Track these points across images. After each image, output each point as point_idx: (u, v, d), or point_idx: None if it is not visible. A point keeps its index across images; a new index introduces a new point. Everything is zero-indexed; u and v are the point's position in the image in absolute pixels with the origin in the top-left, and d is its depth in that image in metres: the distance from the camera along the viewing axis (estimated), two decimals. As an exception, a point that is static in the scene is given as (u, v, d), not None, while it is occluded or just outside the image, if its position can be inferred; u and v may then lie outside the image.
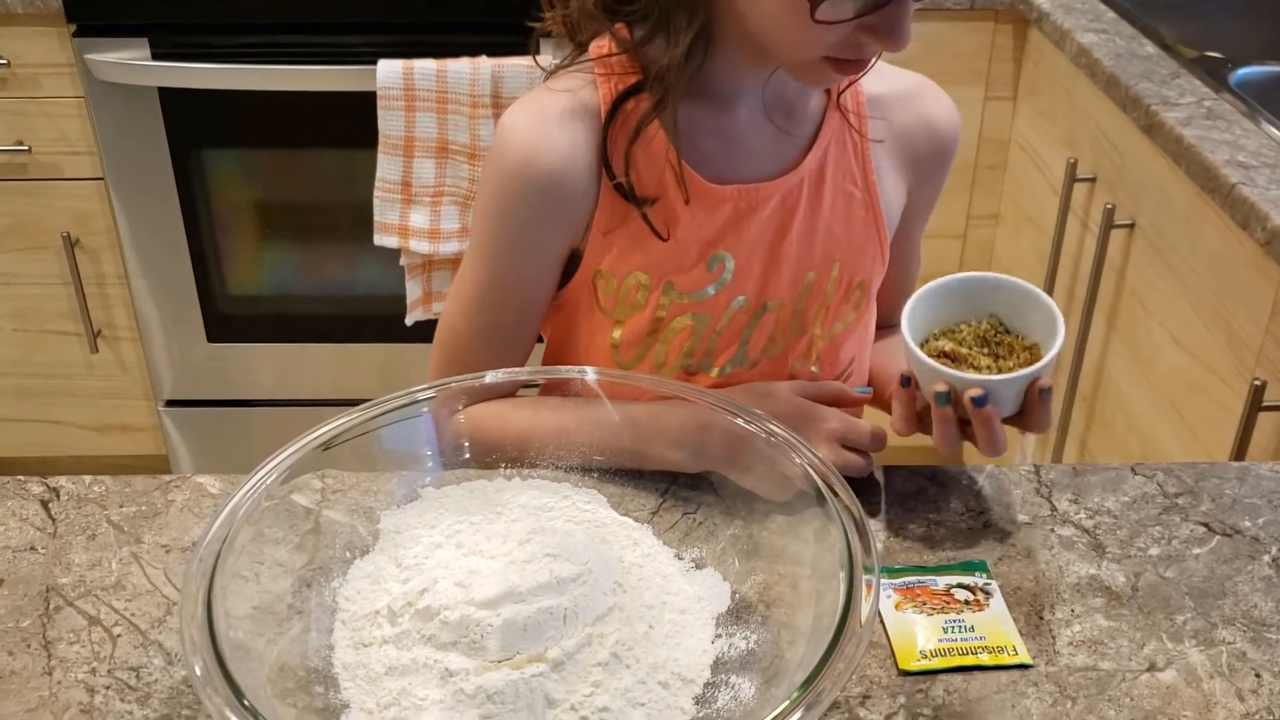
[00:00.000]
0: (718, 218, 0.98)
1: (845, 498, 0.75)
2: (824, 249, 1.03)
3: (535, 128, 0.97)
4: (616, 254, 0.99)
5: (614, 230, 0.98)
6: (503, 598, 0.74)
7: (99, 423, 2.31)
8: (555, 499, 0.87)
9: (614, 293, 1.01)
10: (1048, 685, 0.80)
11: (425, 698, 0.72)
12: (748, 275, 1.01)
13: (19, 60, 1.98)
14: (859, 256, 1.05)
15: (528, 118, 0.97)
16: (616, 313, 1.02)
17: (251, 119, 2.03)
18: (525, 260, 1.01)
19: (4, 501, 0.95)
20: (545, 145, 0.96)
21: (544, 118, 0.97)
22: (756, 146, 1.00)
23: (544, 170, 0.96)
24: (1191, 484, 0.97)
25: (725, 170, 0.99)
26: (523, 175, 0.97)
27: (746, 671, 0.76)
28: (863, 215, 1.04)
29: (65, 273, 2.14)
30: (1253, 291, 1.38)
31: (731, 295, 1.01)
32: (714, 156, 0.99)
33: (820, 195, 1.01)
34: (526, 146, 0.96)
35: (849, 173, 1.03)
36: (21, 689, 0.79)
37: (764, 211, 0.99)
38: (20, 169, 2.07)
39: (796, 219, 1.01)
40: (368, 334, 2.21)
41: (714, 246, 0.99)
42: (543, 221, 0.99)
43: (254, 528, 0.77)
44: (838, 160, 1.02)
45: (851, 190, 1.03)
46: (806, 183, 1.01)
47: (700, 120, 0.98)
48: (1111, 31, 1.82)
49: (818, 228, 1.02)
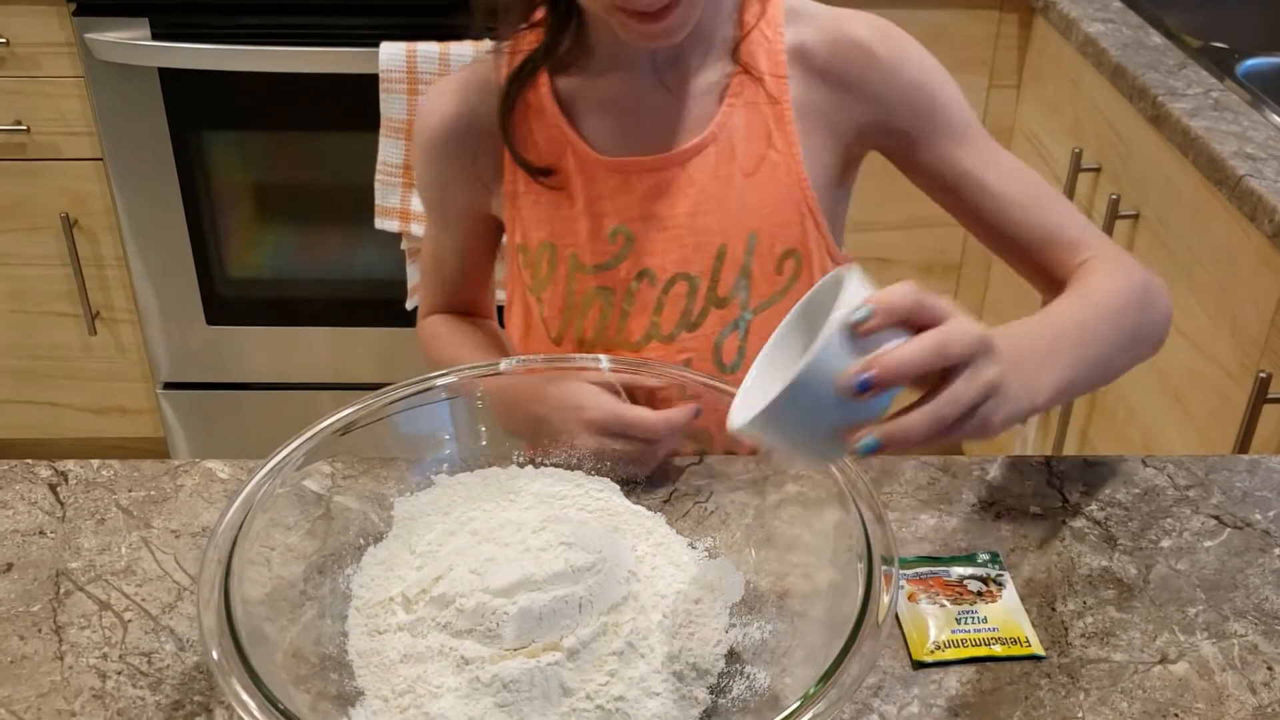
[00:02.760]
0: (614, 190, 0.99)
1: (864, 489, 0.75)
2: (737, 218, 0.99)
3: (433, 95, 1.06)
4: (528, 224, 1.04)
5: (519, 196, 1.03)
6: (518, 586, 0.74)
7: (97, 405, 2.31)
8: (568, 487, 0.87)
9: (531, 265, 1.05)
10: (1060, 677, 0.80)
11: (441, 685, 0.72)
12: (651, 247, 0.99)
13: (18, 39, 1.97)
14: (782, 224, 1.00)
15: (432, 90, 1.08)
16: (536, 287, 1.05)
17: (253, 101, 2.02)
18: (443, 215, 1.12)
19: (11, 485, 0.95)
20: (440, 108, 1.05)
21: (442, 87, 1.06)
22: (653, 117, 0.99)
23: (438, 130, 1.05)
24: (1202, 477, 0.97)
25: (620, 143, 0.99)
26: (423, 138, 1.07)
27: (761, 661, 0.76)
28: (785, 180, 0.99)
29: (64, 254, 2.13)
30: (1259, 284, 1.38)
31: (635, 268, 1.00)
32: (607, 129, 0.99)
33: (730, 163, 0.98)
34: (426, 111, 1.06)
35: (764, 137, 0.98)
36: (33, 673, 0.79)
37: (664, 183, 0.98)
38: (19, 149, 2.05)
39: (703, 189, 0.98)
40: (368, 318, 2.20)
41: (613, 219, 0.99)
42: (445, 178, 1.08)
43: (268, 514, 0.76)
44: (749, 125, 0.98)
45: (768, 154, 0.98)
46: (713, 151, 0.98)
47: (592, 93, 1.00)
48: (1118, 21, 1.82)
49: (729, 196, 0.98)
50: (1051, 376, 0.78)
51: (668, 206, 0.99)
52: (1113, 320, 0.88)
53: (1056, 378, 0.79)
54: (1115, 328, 0.88)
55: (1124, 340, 0.89)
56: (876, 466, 0.98)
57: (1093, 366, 0.86)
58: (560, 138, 1.00)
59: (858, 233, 2.13)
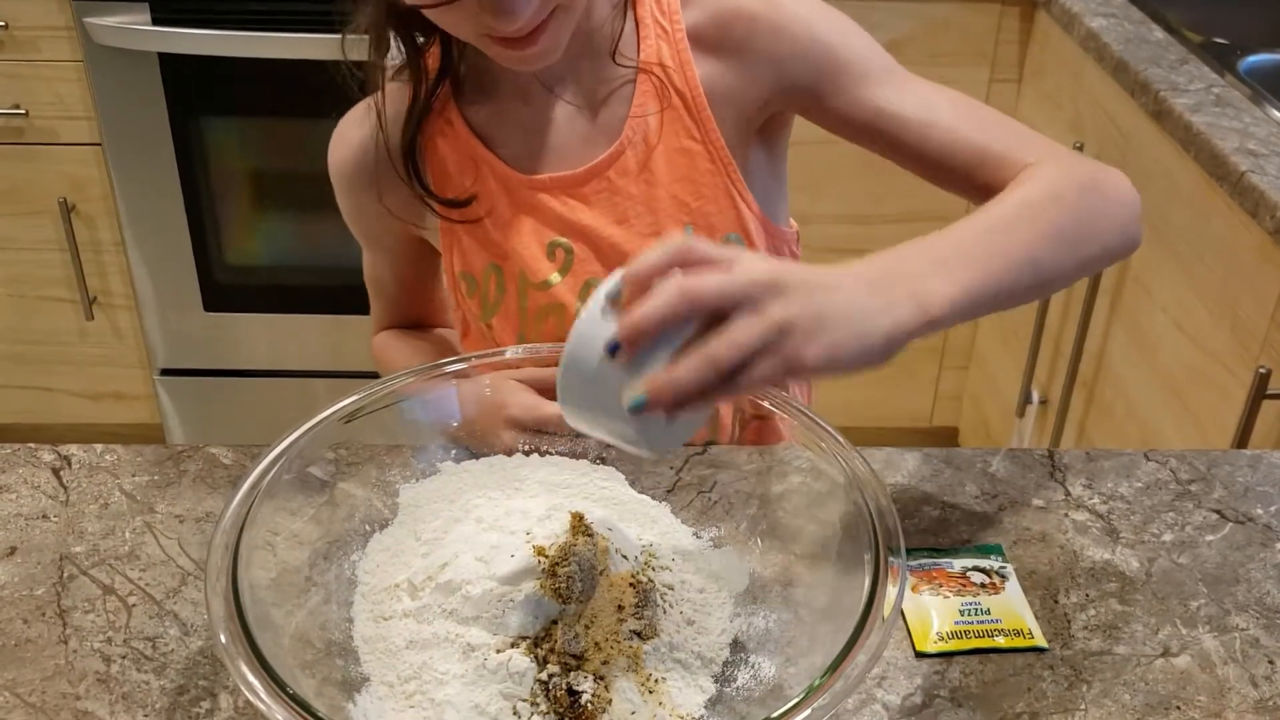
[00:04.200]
0: (543, 208, 1.00)
1: (871, 480, 0.75)
2: (669, 215, 0.99)
3: (340, 126, 1.07)
4: (468, 250, 1.03)
5: (455, 225, 1.03)
6: (524, 574, 0.74)
7: (93, 390, 2.30)
8: (573, 475, 0.87)
9: (478, 293, 1.04)
10: (1063, 669, 0.80)
11: (446, 672, 0.72)
12: (592, 257, 1.00)
13: (17, 22, 1.96)
14: (716, 211, 1.00)
15: (341, 120, 1.07)
16: (485, 314, 1.05)
17: (253, 87, 2.02)
18: (368, 241, 1.14)
19: (14, 469, 0.95)
20: (346, 140, 1.06)
21: (348, 118, 1.07)
22: (565, 134, 0.99)
23: (347, 163, 1.06)
24: (1204, 471, 0.98)
25: (538, 161, 1.00)
26: (333, 170, 1.08)
27: (766, 651, 0.76)
28: (709, 167, 0.99)
29: (61, 239, 2.12)
30: (1259, 279, 1.39)
31: (581, 279, 1.01)
32: (524, 149, 1.00)
33: (650, 164, 0.99)
34: (333, 143, 1.07)
35: (682, 129, 0.99)
36: (37, 657, 0.78)
37: (591, 195, 0.99)
38: (17, 133, 2.05)
39: (631, 194, 0.99)
40: (365, 306, 2.19)
41: (548, 235, 1.00)
42: (360, 208, 1.09)
43: (274, 500, 0.76)
44: (665, 122, 0.98)
45: (688, 145, 0.99)
46: (631, 156, 0.98)
47: (502, 117, 1.00)
48: (1120, 16, 1.82)
49: (658, 196, 0.99)
50: (946, 286, 0.73)
51: (599, 217, 1.00)
52: (1032, 215, 0.83)
53: (954, 287, 0.74)
54: (1036, 223, 0.82)
55: (1053, 234, 0.83)
56: (879, 459, 0.98)
57: (1013, 268, 0.79)
58: (478, 163, 1.00)
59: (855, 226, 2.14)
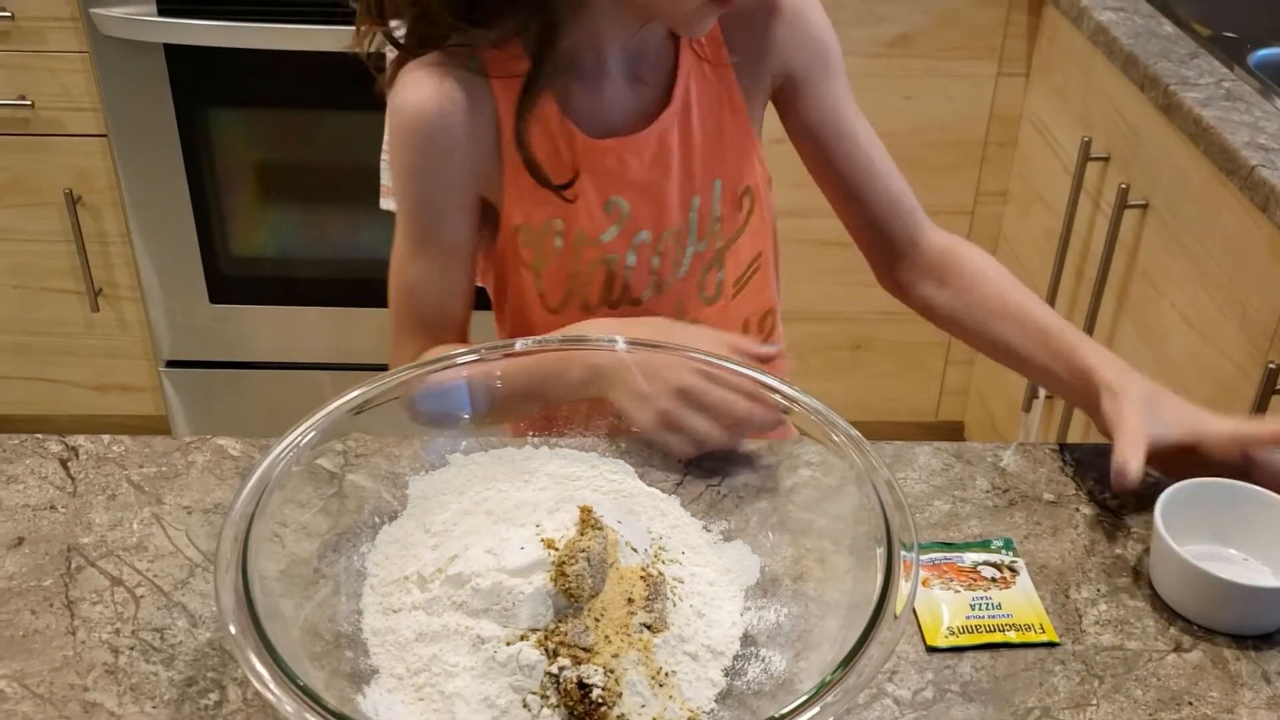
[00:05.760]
0: (605, 169, 1.07)
1: (883, 474, 0.75)
2: (704, 172, 1.10)
3: (416, 89, 1.03)
4: (530, 206, 1.07)
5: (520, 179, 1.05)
6: (534, 566, 0.74)
7: (98, 382, 2.30)
8: (583, 468, 0.87)
9: (533, 244, 1.08)
10: (1075, 664, 0.80)
11: (456, 664, 0.72)
12: (643, 213, 1.09)
13: (22, 13, 1.96)
14: (737, 169, 1.12)
15: (408, 85, 1.04)
16: (536, 264, 1.09)
17: (259, 78, 2.01)
18: (435, 208, 1.08)
19: (22, 459, 0.94)
20: (436, 96, 1.03)
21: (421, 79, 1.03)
22: (627, 101, 1.08)
23: (435, 118, 1.03)
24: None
25: (604, 126, 1.07)
26: (417, 127, 1.03)
27: (776, 645, 0.76)
28: (734, 130, 1.11)
29: (67, 230, 2.12)
30: (1269, 274, 1.38)
31: (632, 233, 1.09)
32: (592, 115, 1.07)
33: (690, 127, 1.09)
34: (420, 100, 1.03)
35: (715, 97, 1.10)
36: (45, 648, 0.78)
37: (645, 156, 1.07)
38: (22, 124, 2.04)
39: (675, 155, 1.08)
40: (371, 298, 2.19)
41: (608, 193, 1.07)
42: (441, 168, 1.05)
43: (283, 492, 0.76)
44: (701, 91, 1.09)
45: (720, 111, 1.10)
46: (676, 120, 1.08)
47: (578, 86, 1.06)
48: (1129, 9, 1.81)
49: (694, 157, 1.09)
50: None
51: (650, 177, 1.08)
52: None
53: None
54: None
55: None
56: (889, 453, 0.98)
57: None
58: (553, 128, 1.05)
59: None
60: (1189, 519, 0.86)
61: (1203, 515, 0.87)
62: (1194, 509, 0.86)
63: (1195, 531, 0.86)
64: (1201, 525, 0.87)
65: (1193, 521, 0.86)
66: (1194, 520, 0.86)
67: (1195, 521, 0.86)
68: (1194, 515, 0.86)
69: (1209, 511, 0.87)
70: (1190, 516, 0.86)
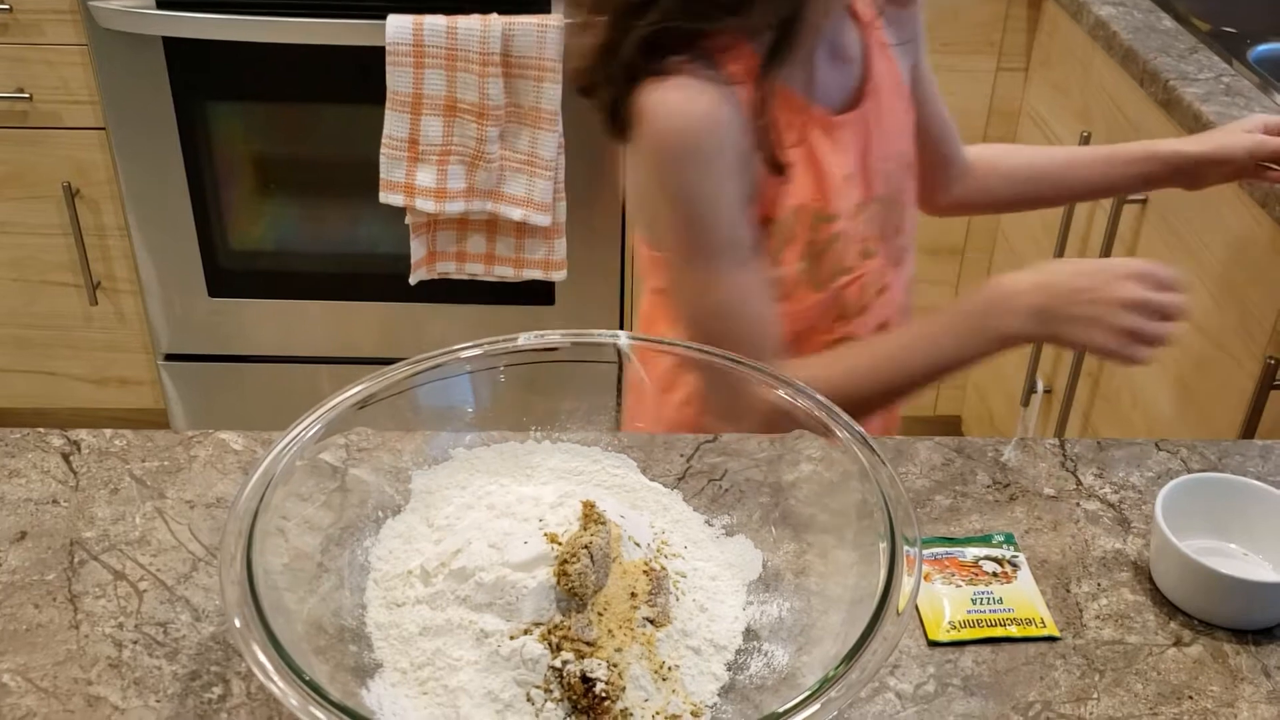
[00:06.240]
0: (844, 144, 1.12)
1: (885, 469, 0.75)
2: (892, 147, 1.18)
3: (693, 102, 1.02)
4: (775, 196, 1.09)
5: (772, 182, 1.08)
6: (537, 561, 0.74)
7: (97, 375, 2.30)
8: (585, 463, 0.87)
9: (779, 234, 1.10)
10: (1075, 658, 0.80)
11: (460, 658, 0.72)
12: (862, 182, 1.15)
13: (21, 5, 1.95)
14: (907, 146, 1.21)
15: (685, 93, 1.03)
16: (777, 249, 1.11)
17: (258, 71, 2.01)
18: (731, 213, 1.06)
19: (24, 453, 0.94)
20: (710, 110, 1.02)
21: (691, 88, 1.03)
22: (843, 78, 1.15)
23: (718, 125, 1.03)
24: (1215, 461, 0.97)
25: (837, 102, 1.14)
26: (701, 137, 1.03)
27: (779, 639, 0.76)
28: (904, 107, 1.20)
29: (65, 223, 2.12)
30: (1269, 270, 1.38)
31: (856, 205, 1.14)
32: (827, 96, 1.13)
33: (879, 99, 1.16)
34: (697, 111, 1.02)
35: (887, 70, 1.18)
36: (49, 641, 0.78)
37: (864, 130, 1.14)
38: (21, 117, 2.04)
39: (874, 124, 1.16)
40: (370, 292, 2.20)
41: (847, 168, 1.13)
42: (730, 172, 1.05)
43: (286, 486, 0.76)
44: (879, 65, 1.17)
45: (891, 84, 1.18)
46: (876, 93, 1.16)
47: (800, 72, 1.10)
48: (1129, 4, 1.81)
49: (886, 132, 1.17)
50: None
51: (864, 145, 1.14)
52: None
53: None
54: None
55: None
56: (890, 448, 0.98)
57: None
58: (802, 114, 1.09)
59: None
60: (1189, 514, 0.86)
61: (1203, 510, 0.87)
62: (1194, 504, 0.87)
63: (1195, 526, 0.87)
64: (1202, 520, 0.87)
65: (1193, 516, 0.86)
66: (1194, 515, 0.87)
67: (1195, 516, 0.87)
68: (1194, 510, 0.87)
69: (1209, 506, 0.88)
70: (1190, 511, 0.86)
